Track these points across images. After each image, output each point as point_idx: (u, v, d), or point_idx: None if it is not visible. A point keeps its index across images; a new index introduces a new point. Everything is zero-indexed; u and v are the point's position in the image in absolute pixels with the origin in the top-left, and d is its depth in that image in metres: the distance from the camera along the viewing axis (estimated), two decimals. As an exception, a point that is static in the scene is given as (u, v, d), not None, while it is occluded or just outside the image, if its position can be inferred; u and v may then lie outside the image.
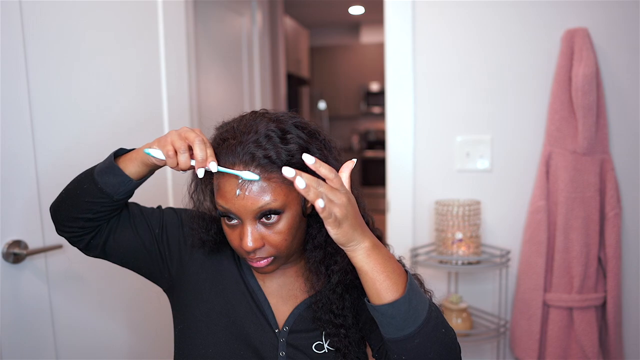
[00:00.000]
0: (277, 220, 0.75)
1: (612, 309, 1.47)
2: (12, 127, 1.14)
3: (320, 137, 0.80)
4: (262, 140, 0.73)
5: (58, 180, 1.26)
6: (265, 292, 0.87)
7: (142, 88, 1.56)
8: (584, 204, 1.45)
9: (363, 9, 5.31)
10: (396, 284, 0.68)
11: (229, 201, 0.73)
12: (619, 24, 1.46)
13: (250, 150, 0.72)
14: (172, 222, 0.91)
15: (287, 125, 0.76)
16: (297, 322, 0.85)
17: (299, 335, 0.84)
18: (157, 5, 1.60)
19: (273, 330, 0.85)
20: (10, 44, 1.13)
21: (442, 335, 0.69)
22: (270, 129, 0.75)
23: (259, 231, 0.75)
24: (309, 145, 0.77)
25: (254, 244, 0.74)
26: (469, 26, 1.58)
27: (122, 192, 0.82)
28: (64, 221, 0.85)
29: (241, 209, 0.73)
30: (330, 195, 0.63)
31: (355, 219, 0.66)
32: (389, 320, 0.67)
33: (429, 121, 1.64)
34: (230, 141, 0.74)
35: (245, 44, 2.56)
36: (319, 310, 0.82)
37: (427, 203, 1.66)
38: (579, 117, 1.43)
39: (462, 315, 1.52)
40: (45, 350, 1.23)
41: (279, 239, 0.76)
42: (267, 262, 0.77)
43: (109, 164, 0.81)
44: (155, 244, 0.89)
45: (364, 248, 0.68)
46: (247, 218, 0.74)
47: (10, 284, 1.15)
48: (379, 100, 6.06)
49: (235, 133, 0.76)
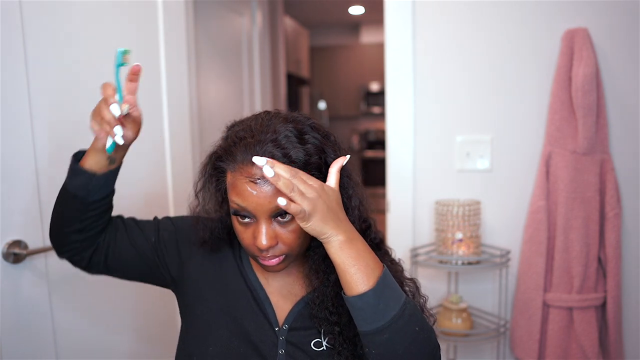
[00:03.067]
0: (292, 219, 0.75)
1: (612, 309, 1.47)
2: (12, 127, 1.14)
3: (332, 139, 0.81)
4: (281, 139, 0.74)
5: (58, 181, 1.26)
6: (267, 291, 0.88)
7: (142, 88, 1.54)
8: (584, 204, 1.45)
9: (363, 9, 5.31)
10: (368, 277, 0.70)
11: (246, 199, 0.73)
12: (619, 24, 1.46)
13: (269, 149, 0.73)
14: (166, 228, 0.93)
15: (304, 126, 0.77)
16: (297, 319, 0.85)
17: (298, 333, 0.84)
18: (157, 5, 1.60)
19: (273, 328, 0.85)
20: (10, 44, 1.13)
21: (415, 333, 0.71)
22: (288, 129, 0.75)
23: (274, 229, 0.75)
24: (324, 146, 0.78)
25: (268, 242, 0.74)
26: (469, 26, 1.58)
27: (94, 191, 0.83)
28: (59, 241, 0.88)
29: (258, 207, 0.73)
30: (301, 187, 0.67)
31: (328, 213, 0.69)
32: (358, 312, 0.70)
33: (429, 121, 1.64)
34: (248, 140, 0.74)
35: (245, 44, 2.56)
36: (316, 307, 0.82)
37: (427, 203, 1.66)
38: (579, 117, 1.43)
39: (462, 315, 1.52)
40: (45, 350, 1.23)
41: (293, 238, 0.76)
42: (278, 260, 0.78)
43: (70, 166, 0.84)
44: (153, 251, 0.91)
45: (338, 241, 0.71)
46: (263, 216, 0.74)
47: (10, 284, 1.15)
48: (379, 100, 6.06)
49: (252, 132, 0.76)
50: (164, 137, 1.64)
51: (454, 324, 1.51)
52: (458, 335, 1.51)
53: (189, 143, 1.77)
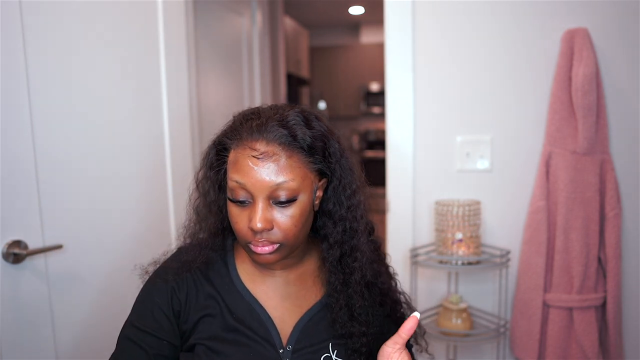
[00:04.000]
0: (290, 204, 0.74)
1: (612, 309, 1.47)
2: (12, 127, 1.13)
3: (336, 135, 0.82)
4: (288, 120, 0.74)
5: (58, 181, 1.27)
6: (267, 309, 0.83)
7: (142, 88, 1.56)
8: (584, 204, 1.45)
9: (363, 9, 5.31)
10: None
11: (247, 175, 0.72)
12: (619, 24, 1.46)
13: (275, 127, 0.73)
14: (160, 325, 0.82)
15: (310, 115, 0.78)
16: (300, 338, 0.81)
17: (303, 352, 0.81)
18: (157, 5, 1.60)
19: (277, 351, 0.80)
20: (10, 44, 1.13)
21: None
22: (295, 112, 0.76)
23: (270, 212, 0.74)
24: (329, 136, 0.79)
25: (263, 224, 0.72)
26: (468, 26, 1.58)
27: None
28: None
29: (257, 184, 0.72)
30: None
31: None
32: None
33: (429, 121, 1.64)
34: (255, 121, 0.75)
35: (245, 44, 2.56)
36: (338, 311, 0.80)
37: (427, 203, 1.66)
38: (579, 117, 1.43)
39: (462, 316, 1.52)
40: (45, 350, 1.23)
41: (289, 224, 0.74)
42: (271, 248, 0.75)
43: None
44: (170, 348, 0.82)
45: None
46: (261, 196, 0.73)
47: (10, 284, 1.15)
48: (379, 100, 6.06)
49: (260, 115, 0.76)
50: (164, 137, 1.64)
51: (454, 324, 1.51)
52: (458, 335, 1.51)
53: (189, 143, 1.77)
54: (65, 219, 1.27)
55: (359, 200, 0.80)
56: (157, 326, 0.81)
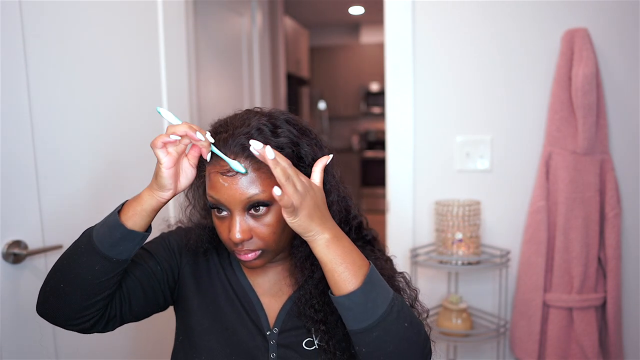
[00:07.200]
0: (266, 212, 0.75)
1: (612, 309, 1.47)
2: (12, 127, 1.13)
3: (312, 135, 0.81)
4: (253, 132, 0.75)
5: (58, 181, 1.27)
6: (257, 292, 0.88)
7: (142, 88, 1.56)
8: (584, 204, 1.45)
9: (363, 9, 5.31)
10: (355, 276, 0.70)
11: (219, 191, 0.74)
12: (619, 24, 1.46)
13: (241, 141, 0.74)
14: (163, 253, 0.89)
15: (278, 121, 0.78)
16: (286, 320, 0.85)
17: (289, 334, 0.85)
18: (157, 5, 1.60)
19: (264, 333, 0.85)
20: (10, 44, 1.13)
21: (404, 329, 0.70)
22: (262, 122, 0.76)
23: (248, 223, 0.76)
24: (300, 140, 0.78)
25: (241, 235, 0.74)
26: (468, 26, 1.58)
27: (134, 251, 0.78)
28: (73, 315, 0.76)
29: (230, 199, 0.74)
30: (294, 178, 0.66)
31: (314, 210, 0.69)
32: (347, 312, 0.70)
33: (429, 121, 1.64)
34: (223, 134, 0.76)
35: (245, 44, 2.56)
36: (302, 305, 0.82)
37: (427, 203, 1.66)
38: (579, 117, 1.43)
39: (462, 316, 1.52)
40: (45, 350, 1.23)
41: (267, 232, 0.76)
42: (254, 255, 0.77)
43: (122, 234, 0.74)
44: (162, 280, 0.88)
45: (324, 239, 0.70)
46: (236, 209, 0.75)
47: (10, 284, 1.15)
48: (379, 100, 6.06)
49: (227, 127, 0.77)
50: (164, 137, 1.64)
51: (454, 324, 1.51)
52: (458, 335, 1.51)
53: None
54: (65, 219, 1.27)
55: (331, 201, 0.80)
56: (159, 251, 0.88)
